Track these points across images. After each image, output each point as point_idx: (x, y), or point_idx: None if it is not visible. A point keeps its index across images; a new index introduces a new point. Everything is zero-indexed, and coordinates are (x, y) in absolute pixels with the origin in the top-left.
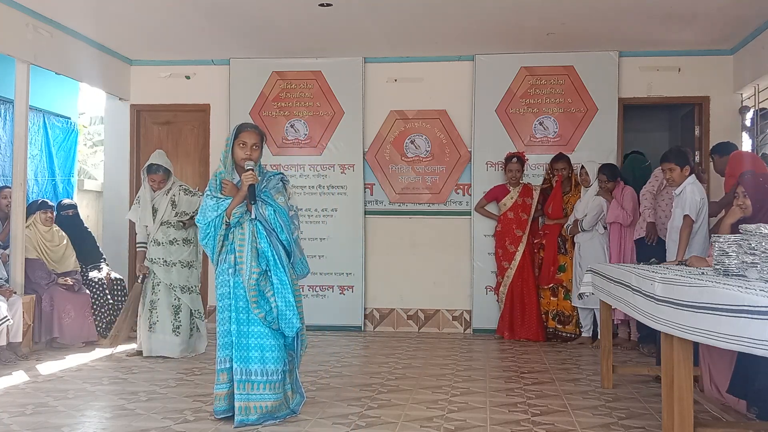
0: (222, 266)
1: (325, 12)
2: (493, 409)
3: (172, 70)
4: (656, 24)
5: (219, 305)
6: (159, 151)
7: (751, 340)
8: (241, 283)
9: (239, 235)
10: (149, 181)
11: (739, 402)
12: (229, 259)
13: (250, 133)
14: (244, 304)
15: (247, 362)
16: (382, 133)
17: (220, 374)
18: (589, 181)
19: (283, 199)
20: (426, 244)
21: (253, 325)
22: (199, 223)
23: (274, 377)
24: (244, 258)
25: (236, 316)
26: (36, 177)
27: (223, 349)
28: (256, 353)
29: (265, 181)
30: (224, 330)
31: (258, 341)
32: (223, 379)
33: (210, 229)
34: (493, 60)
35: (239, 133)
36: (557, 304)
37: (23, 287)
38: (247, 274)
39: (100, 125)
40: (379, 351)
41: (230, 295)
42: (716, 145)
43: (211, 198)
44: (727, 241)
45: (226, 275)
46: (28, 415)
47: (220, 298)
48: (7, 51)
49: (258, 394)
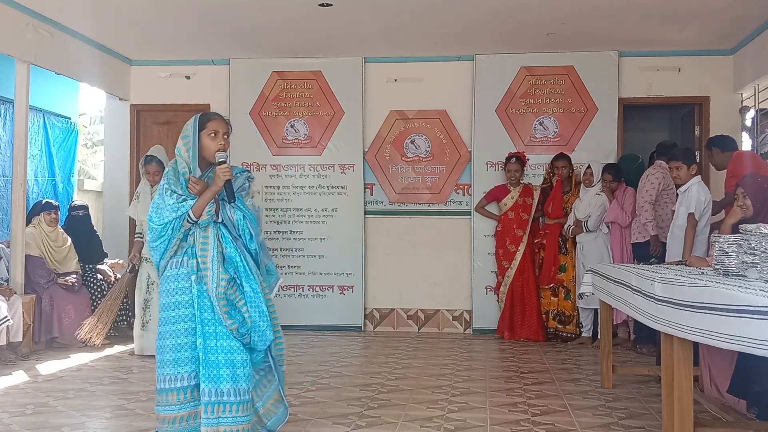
0: (177, 270)
1: (325, 12)
2: (493, 409)
3: (172, 70)
4: (656, 24)
5: (172, 314)
6: (158, 146)
7: (751, 340)
8: (206, 292)
9: (201, 238)
10: (145, 174)
11: (739, 402)
12: (190, 264)
13: (220, 122)
14: (210, 316)
15: (218, 381)
16: (382, 133)
17: (168, 394)
18: (593, 180)
19: (251, 202)
20: (426, 244)
21: (221, 339)
22: (152, 222)
23: (245, 396)
24: (209, 264)
25: (202, 329)
26: (36, 177)
27: (177, 365)
28: (227, 371)
29: (239, 184)
30: (179, 343)
31: (228, 357)
32: (173, 399)
33: (166, 231)
34: (493, 60)
35: (207, 122)
36: (558, 304)
37: (23, 287)
38: (215, 281)
39: (100, 125)
40: (379, 351)
41: (191, 303)
42: (716, 138)
43: (171, 195)
44: (727, 241)
45: (186, 281)
46: (28, 415)
47: (175, 307)
48: (7, 51)
49: (230, 417)
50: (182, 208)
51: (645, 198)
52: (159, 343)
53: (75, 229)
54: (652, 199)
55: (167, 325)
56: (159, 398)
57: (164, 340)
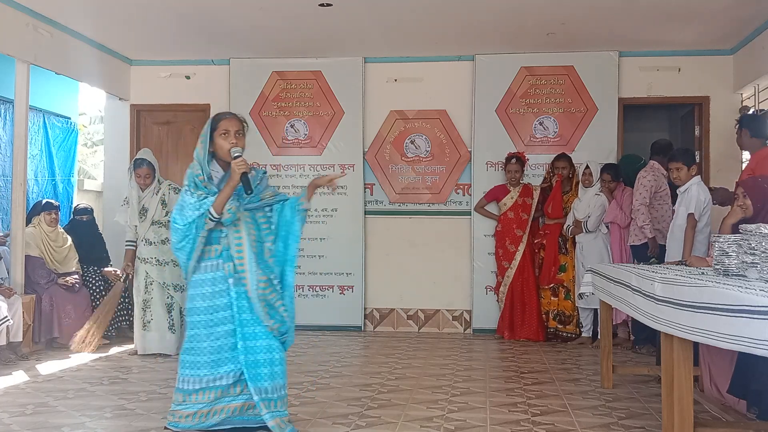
0: (213, 274)
1: (325, 12)
2: (493, 409)
3: (172, 70)
4: (656, 24)
5: (210, 318)
6: (145, 149)
7: (751, 339)
8: (245, 293)
9: (235, 240)
10: (136, 177)
11: (739, 402)
12: (227, 267)
13: (231, 120)
14: (249, 316)
15: (260, 380)
16: (382, 133)
17: (199, 393)
18: (592, 181)
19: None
20: (426, 244)
21: (260, 339)
22: (176, 223)
23: (282, 392)
24: (246, 266)
25: (242, 330)
26: (36, 177)
27: (218, 366)
28: (266, 369)
29: (259, 180)
30: (221, 345)
31: (267, 356)
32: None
33: (190, 230)
34: (493, 60)
35: (218, 123)
36: (558, 304)
37: (23, 287)
38: (254, 283)
39: (100, 125)
40: (379, 351)
41: (230, 306)
42: (749, 118)
43: (192, 195)
44: (727, 241)
45: (223, 284)
46: (28, 415)
47: (213, 310)
48: (7, 51)
49: (272, 412)
50: (204, 205)
51: (639, 201)
52: (191, 346)
53: (79, 234)
54: (647, 201)
55: (204, 329)
56: (184, 398)
57: (200, 343)
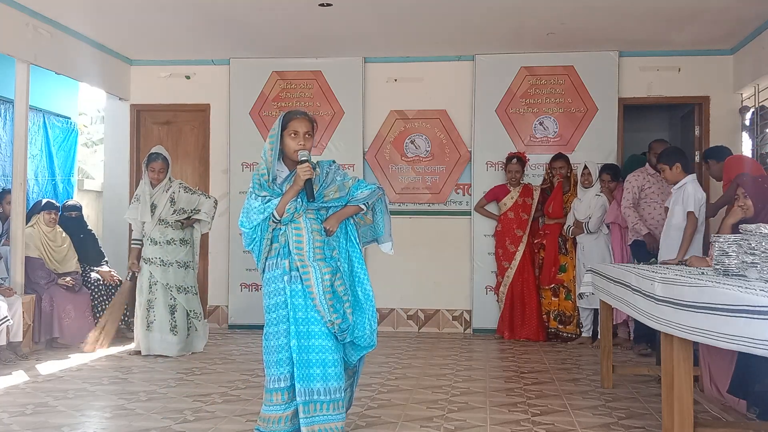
0: (272, 272)
1: (325, 12)
2: (493, 409)
3: (172, 70)
4: (656, 24)
5: (270, 317)
6: (159, 146)
7: (751, 339)
8: (299, 292)
9: (295, 237)
10: (149, 171)
11: (739, 402)
12: (282, 265)
13: (302, 121)
14: (303, 315)
15: (309, 381)
16: (382, 133)
17: (274, 394)
18: (591, 181)
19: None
20: (426, 244)
21: (313, 339)
22: (243, 227)
23: (337, 395)
24: (306, 260)
25: (296, 329)
26: (36, 177)
27: (279, 366)
28: (318, 370)
29: (324, 175)
30: (279, 344)
31: (320, 357)
32: (278, 400)
33: (256, 233)
34: (493, 60)
35: (289, 122)
36: (558, 305)
37: (23, 287)
38: (318, 276)
39: (100, 125)
40: (379, 351)
41: (286, 304)
42: (711, 150)
43: (256, 198)
44: (727, 241)
45: (280, 282)
46: (28, 415)
47: (273, 309)
48: (7, 51)
49: (322, 415)
50: (268, 209)
51: (624, 204)
52: (264, 344)
53: (68, 230)
54: (630, 204)
55: (270, 327)
56: (266, 397)
57: (268, 341)
